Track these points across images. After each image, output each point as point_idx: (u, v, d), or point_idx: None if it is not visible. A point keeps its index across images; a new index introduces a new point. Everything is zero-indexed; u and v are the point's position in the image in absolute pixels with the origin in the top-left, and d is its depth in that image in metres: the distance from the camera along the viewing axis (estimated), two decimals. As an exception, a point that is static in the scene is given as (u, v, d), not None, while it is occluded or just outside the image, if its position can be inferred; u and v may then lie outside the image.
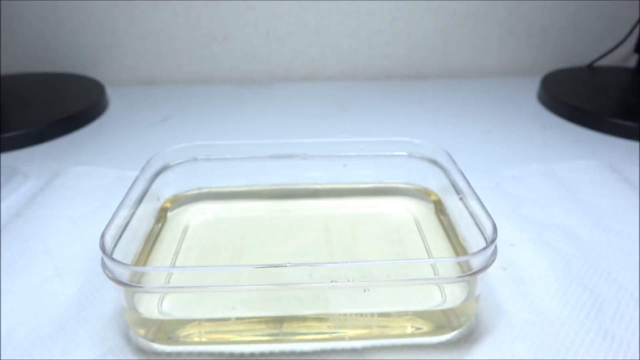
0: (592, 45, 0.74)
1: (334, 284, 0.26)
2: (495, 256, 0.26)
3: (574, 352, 0.27)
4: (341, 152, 0.38)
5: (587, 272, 0.33)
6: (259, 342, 0.28)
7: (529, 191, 0.42)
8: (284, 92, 0.68)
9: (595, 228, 0.37)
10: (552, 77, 0.66)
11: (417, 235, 0.35)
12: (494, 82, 0.71)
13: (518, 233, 0.37)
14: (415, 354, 0.27)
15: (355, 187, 0.41)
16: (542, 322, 0.29)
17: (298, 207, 0.39)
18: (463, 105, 0.63)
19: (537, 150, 0.51)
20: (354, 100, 0.65)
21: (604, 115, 0.54)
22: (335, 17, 0.69)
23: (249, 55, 0.71)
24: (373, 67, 0.73)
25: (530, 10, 0.71)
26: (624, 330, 0.28)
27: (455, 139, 0.54)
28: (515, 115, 0.60)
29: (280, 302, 0.28)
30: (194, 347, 0.27)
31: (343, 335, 0.28)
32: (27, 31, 0.68)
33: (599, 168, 0.46)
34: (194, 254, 0.33)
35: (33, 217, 0.39)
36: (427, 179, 0.39)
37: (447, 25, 0.71)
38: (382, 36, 0.71)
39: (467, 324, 0.29)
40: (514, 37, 0.73)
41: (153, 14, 0.68)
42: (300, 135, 0.54)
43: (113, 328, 0.29)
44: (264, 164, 0.39)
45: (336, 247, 0.34)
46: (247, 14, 0.68)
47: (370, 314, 0.28)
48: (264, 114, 0.60)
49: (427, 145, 0.38)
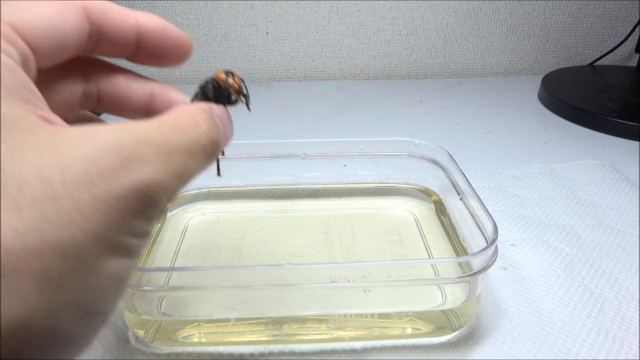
0: (593, 45, 0.74)
1: (334, 285, 0.25)
2: (496, 256, 0.26)
3: (574, 353, 0.27)
4: (341, 152, 0.38)
5: (588, 272, 0.33)
6: (258, 343, 0.27)
7: (529, 191, 0.42)
8: (284, 91, 0.68)
9: (596, 228, 0.37)
10: (553, 77, 0.66)
11: (418, 236, 0.35)
12: (494, 82, 0.71)
13: (519, 233, 0.37)
14: (416, 354, 0.27)
15: (355, 187, 0.40)
16: (543, 322, 0.29)
17: (298, 207, 0.39)
18: (463, 104, 0.63)
19: (538, 150, 0.51)
20: (354, 99, 0.65)
21: (605, 115, 0.54)
22: (335, 17, 0.69)
23: (249, 55, 0.71)
24: (373, 67, 0.73)
25: (531, 10, 0.71)
26: (624, 331, 0.28)
27: (455, 138, 0.54)
28: (516, 114, 0.60)
29: (280, 303, 0.28)
30: (194, 347, 0.27)
31: (343, 336, 0.28)
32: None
33: (600, 168, 0.46)
34: (193, 254, 0.33)
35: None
36: (428, 179, 0.39)
37: (447, 24, 0.71)
38: (382, 35, 0.71)
39: (467, 325, 0.29)
40: (514, 36, 0.72)
41: (152, 13, 0.68)
42: (300, 135, 0.54)
43: (112, 329, 0.29)
44: (264, 164, 0.38)
45: (336, 247, 0.34)
46: (247, 13, 0.68)
47: (370, 314, 0.27)
48: (263, 114, 0.60)
49: (428, 145, 0.38)
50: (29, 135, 0.12)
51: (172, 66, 0.19)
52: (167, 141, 0.14)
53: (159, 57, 0.19)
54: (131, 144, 0.13)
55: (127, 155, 0.13)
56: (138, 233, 0.14)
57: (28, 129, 0.12)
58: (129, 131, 0.14)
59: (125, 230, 0.13)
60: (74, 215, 0.12)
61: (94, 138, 0.13)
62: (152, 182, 0.13)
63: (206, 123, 0.16)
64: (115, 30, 0.17)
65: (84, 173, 0.12)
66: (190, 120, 0.16)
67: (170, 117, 0.15)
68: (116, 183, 0.13)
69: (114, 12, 0.17)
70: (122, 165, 0.13)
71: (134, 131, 0.14)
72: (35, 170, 0.12)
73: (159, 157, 0.14)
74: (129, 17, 0.17)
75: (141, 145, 0.13)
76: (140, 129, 0.14)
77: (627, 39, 0.68)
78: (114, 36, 0.17)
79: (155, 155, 0.14)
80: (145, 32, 0.18)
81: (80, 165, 0.12)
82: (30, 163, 0.12)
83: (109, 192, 0.12)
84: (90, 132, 0.13)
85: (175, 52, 0.19)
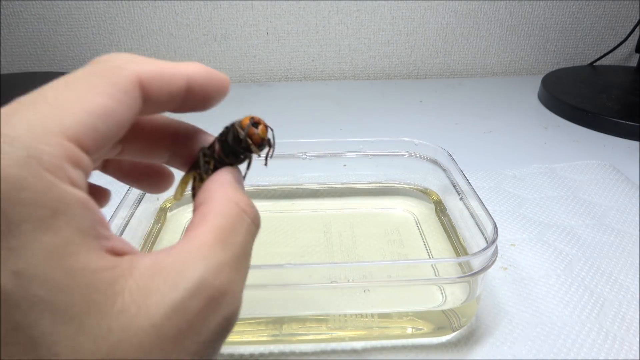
0: (593, 45, 0.74)
1: (334, 285, 0.25)
2: (496, 256, 0.26)
3: (574, 353, 0.27)
4: (341, 152, 0.38)
5: (588, 272, 0.33)
6: (258, 343, 0.27)
7: (529, 191, 0.42)
8: (284, 91, 0.68)
9: (596, 228, 0.37)
10: (553, 77, 0.66)
11: (418, 236, 0.35)
12: (494, 82, 0.71)
13: (519, 233, 0.37)
14: (416, 354, 0.27)
15: (355, 187, 0.40)
16: (543, 322, 0.29)
17: (298, 207, 0.39)
18: (463, 104, 0.63)
19: (538, 150, 0.51)
20: (354, 99, 0.65)
21: (605, 115, 0.54)
22: (335, 17, 0.69)
23: (249, 55, 0.71)
24: (373, 67, 0.73)
25: (531, 10, 0.71)
26: (625, 331, 0.28)
27: (455, 138, 0.54)
28: (516, 114, 0.60)
29: (280, 303, 0.28)
30: (194, 347, 0.27)
31: (343, 336, 0.27)
32: (26, 31, 0.68)
33: (600, 168, 0.46)
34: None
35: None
36: (428, 179, 0.39)
37: (447, 24, 0.71)
38: (382, 35, 0.71)
39: (467, 325, 0.28)
40: (514, 36, 0.72)
41: (152, 13, 0.68)
42: (300, 135, 0.54)
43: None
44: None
45: (336, 247, 0.34)
46: (247, 13, 0.68)
47: (370, 314, 0.27)
48: (263, 114, 0.60)
49: (428, 145, 0.38)
50: (103, 309, 0.12)
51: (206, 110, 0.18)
52: (234, 253, 0.14)
53: (200, 105, 0.17)
54: (211, 277, 0.13)
55: (211, 293, 0.13)
56: (219, 348, 0.14)
57: (101, 302, 0.12)
58: (203, 257, 0.13)
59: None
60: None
61: (175, 282, 0.12)
62: (234, 308, 0.14)
63: (251, 210, 0.16)
64: (167, 98, 0.16)
65: (178, 330, 0.12)
66: (236, 214, 0.15)
67: (219, 217, 0.15)
68: (207, 326, 0.13)
69: (165, 76, 0.15)
70: (211, 306, 0.13)
71: (208, 257, 0.13)
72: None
73: (233, 276, 0.14)
74: (179, 77, 0.16)
75: (218, 273, 0.13)
76: (208, 251, 0.14)
77: (627, 39, 0.68)
78: (165, 103, 0.16)
79: (232, 277, 0.14)
80: (192, 87, 0.16)
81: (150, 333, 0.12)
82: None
83: (199, 341, 0.12)
84: (165, 279, 0.13)
85: (216, 96, 0.17)
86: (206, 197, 0.16)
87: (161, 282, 0.12)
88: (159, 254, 0.13)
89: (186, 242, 0.14)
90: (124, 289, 0.12)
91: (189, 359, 0.12)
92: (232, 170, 0.18)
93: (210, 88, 0.17)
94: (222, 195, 0.16)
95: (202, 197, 0.16)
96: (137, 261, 0.13)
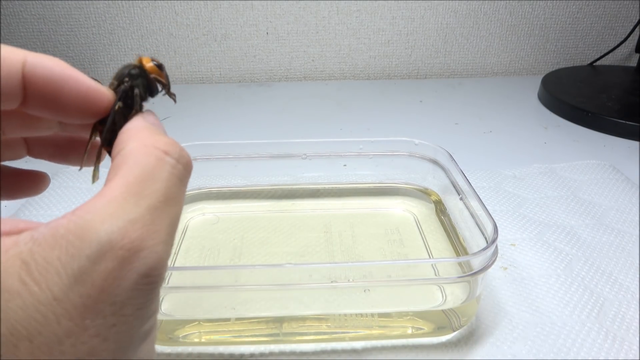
0: (593, 45, 0.74)
1: (334, 284, 0.25)
2: (496, 256, 0.26)
3: (574, 353, 0.27)
4: (341, 152, 0.38)
5: (588, 272, 0.33)
6: (258, 343, 0.27)
7: (529, 191, 0.42)
8: (284, 91, 0.68)
9: (596, 228, 0.37)
10: (552, 77, 0.66)
11: (418, 236, 0.35)
12: (494, 82, 0.71)
13: (519, 233, 0.37)
14: (416, 354, 0.27)
15: (355, 187, 0.40)
16: (543, 322, 0.29)
17: (298, 207, 0.39)
18: (463, 104, 0.63)
19: (538, 150, 0.51)
20: (354, 99, 0.65)
21: (605, 115, 0.54)
22: (335, 17, 0.69)
23: (249, 55, 0.71)
24: (373, 67, 0.73)
25: (531, 10, 0.71)
26: (624, 331, 0.28)
27: (455, 138, 0.54)
28: (516, 114, 0.60)
29: (280, 302, 0.28)
30: (194, 347, 0.27)
31: (343, 336, 0.27)
32: (26, 31, 0.68)
33: (599, 168, 0.46)
34: (193, 254, 0.33)
35: (32, 217, 0.38)
36: (428, 179, 0.39)
37: (447, 24, 0.71)
38: (382, 35, 0.71)
39: (467, 325, 0.28)
40: (514, 36, 0.72)
41: (152, 13, 0.68)
42: (300, 135, 0.54)
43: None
44: (264, 164, 0.38)
45: (336, 247, 0.34)
46: (247, 13, 0.68)
47: (370, 314, 0.27)
48: (263, 114, 0.60)
49: (428, 145, 0.38)
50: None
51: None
52: (149, 204, 0.13)
53: (53, 111, 0.15)
54: (120, 236, 0.12)
55: (120, 254, 0.12)
56: (152, 315, 0.13)
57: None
58: (109, 216, 0.12)
59: (141, 324, 0.13)
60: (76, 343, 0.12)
61: (76, 250, 0.12)
62: (152, 262, 0.13)
63: (173, 150, 0.14)
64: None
65: (85, 297, 0.12)
66: (154, 159, 0.14)
67: (132, 166, 0.14)
68: (121, 287, 0.12)
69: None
70: (121, 266, 0.12)
71: (114, 215, 0.12)
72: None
73: (148, 230, 0.13)
74: (12, 59, 0.14)
75: (127, 231, 0.12)
76: (117, 207, 0.13)
77: (627, 39, 0.68)
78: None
79: (146, 231, 0.13)
80: (32, 80, 0.15)
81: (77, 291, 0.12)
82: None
83: (115, 302, 0.12)
84: (69, 239, 0.12)
85: (81, 105, 0.15)
86: (119, 149, 0.15)
87: (62, 252, 0.12)
88: (59, 221, 0.12)
89: (91, 203, 0.13)
90: (20, 268, 0.12)
91: (111, 321, 0.12)
92: (145, 114, 0.17)
93: (66, 89, 0.15)
94: (136, 141, 0.15)
95: (116, 149, 0.15)
96: (37, 235, 0.12)
